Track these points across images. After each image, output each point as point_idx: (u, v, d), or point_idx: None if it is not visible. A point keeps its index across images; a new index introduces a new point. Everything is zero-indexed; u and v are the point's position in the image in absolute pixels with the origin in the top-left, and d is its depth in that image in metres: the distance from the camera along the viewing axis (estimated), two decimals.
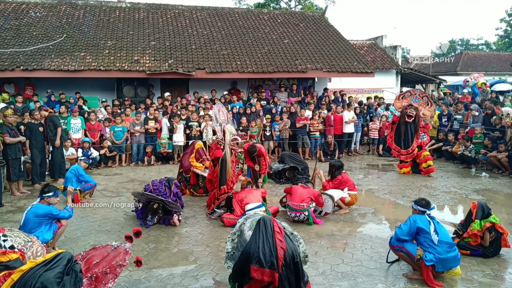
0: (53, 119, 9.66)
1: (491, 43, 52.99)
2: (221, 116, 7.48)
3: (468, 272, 4.69)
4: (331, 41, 17.15)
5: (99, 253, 3.91)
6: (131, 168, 11.35)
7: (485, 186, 8.96)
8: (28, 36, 14.06)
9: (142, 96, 14.22)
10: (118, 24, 15.90)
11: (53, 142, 9.49)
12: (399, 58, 21.80)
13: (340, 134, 12.85)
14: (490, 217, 5.04)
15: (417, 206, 4.60)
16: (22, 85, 13.53)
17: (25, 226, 4.94)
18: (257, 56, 15.09)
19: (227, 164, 6.78)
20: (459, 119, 12.38)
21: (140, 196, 6.42)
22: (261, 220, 3.63)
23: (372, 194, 8.37)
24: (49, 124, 9.53)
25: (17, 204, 7.73)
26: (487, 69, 30.93)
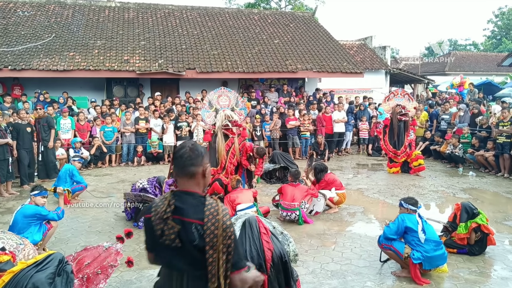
0: (48, 120, 9.68)
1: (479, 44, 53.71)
2: (221, 101, 7.46)
3: (454, 270, 4.79)
4: (321, 42, 17.25)
5: (91, 254, 3.92)
6: (121, 168, 11.31)
7: (472, 185, 9.11)
8: (16, 35, 13.91)
9: (132, 96, 14.16)
10: (107, 23, 15.81)
11: (46, 142, 9.44)
12: (388, 59, 21.99)
13: (330, 134, 12.95)
14: (477, 218, 5.12)
15: (409, 205, 4.66)
16: (10, 85, 13.39)
17: (14, 227, 4.91)
18: (248, 56, 15.12)
19: (218, 147, 6.92)
20: (446, 119, 12.57)
21: (134, 197, 6.40)
22: (247, 222, 3.63)
23: (361, 193, 8.47)
24: (43, 125, 9.51)
25: (6, 205, 7.66)
26: (475, 69, 31.33)
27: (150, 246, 2.14)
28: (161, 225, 2.01)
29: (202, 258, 1.95)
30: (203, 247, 1.93)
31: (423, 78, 22.64)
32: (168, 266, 2.10)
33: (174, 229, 1.98)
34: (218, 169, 6.96)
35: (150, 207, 2.11)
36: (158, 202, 2.10)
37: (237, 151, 7.05)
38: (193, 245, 1.95)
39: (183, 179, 2.10)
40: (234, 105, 7.57)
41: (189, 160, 2.08)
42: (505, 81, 24.09)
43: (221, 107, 7.43)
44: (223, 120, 7.04)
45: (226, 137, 7.05)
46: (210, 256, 1.93)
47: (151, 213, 2.07)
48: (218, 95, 7.57)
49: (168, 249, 2.00)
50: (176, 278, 2.01)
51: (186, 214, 1.99)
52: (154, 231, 2.03)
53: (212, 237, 1.94)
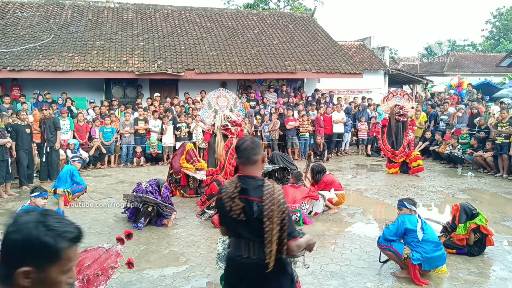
0: (55, 121, 9.76)
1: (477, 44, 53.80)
2: (220, 102, 7.48)
3: (454, 270, 4.80)
4: (320, 42, 17.27)
5: (91, 255, 3.92)
6: (120, 169, 11.31)
7: (471, 185, 9.13)
8: (14, 36, 13.90)
9: (131, 96, 14.16)
10: (106, 24, 15.80)
11: (51, 143, 9.50)
12: (387, 59, 22.02)
13: (329, 134, 12.97)
14: (476, 219, 5.14)
15: (412, 206, 4.67)
16: (9, 85, 13.38)
17: None
18: (247, 57, 15.14)
19: (217, 147, 6.93)
20: (445, 119, 12.59)
21: (134, 198, 6.40)
22: None
23: (360, 194, 8.48)
24: (50, 125, 9.55)
25: (5, 206, 7.66)
26: (473, 70, 31.37)
27: (222, 221, 2.71)
28: (230, 202, 2.51)
29: (262, 228, 2.41)
30: (261, 219, 2.41)
31: (422, 78, 22.68)
32: (236, 236, 2.60)
33: (239, 206, 2.48)
34: (217, 170, 6.97)
35: (220, 189, 2.65)
36: (227, 185, 2.61)
37: None
38: (255, 218, 2.43)
39: (247, 166, 2.59)
40: (232, 106, 7.59)
41: (252, 150, 2.57)
42: (503, 82, 24.11)
43: (220, 107, 7.45)
44: (222, 121, 7.05)
45: (225, 138, 7.07)
46: (266, 226, 2.40)
47: (222, 193, 2.58)
48: (216, 96, 7.59)
49: (236, 221, 2.50)
50: (244, 244, 2.52)
51: (249, 193, 2.48)
52: (224, 208, 2.53)
53: (269, 211, 2.40)
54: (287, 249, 2.46)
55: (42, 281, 1.29)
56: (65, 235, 1.32)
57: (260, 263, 2.44)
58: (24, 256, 1.28)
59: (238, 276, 2.59)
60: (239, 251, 2.55)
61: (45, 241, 1.28)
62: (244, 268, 2.53)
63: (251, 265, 2.49)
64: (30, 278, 1.27)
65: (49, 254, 1.29)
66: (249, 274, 2.51)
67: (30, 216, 1.32)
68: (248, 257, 2.50)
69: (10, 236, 1.29)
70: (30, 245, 1.27)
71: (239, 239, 2.56)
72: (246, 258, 2.50)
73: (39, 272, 1.28)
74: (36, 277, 1.28)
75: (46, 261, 1.29)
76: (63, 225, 1.33)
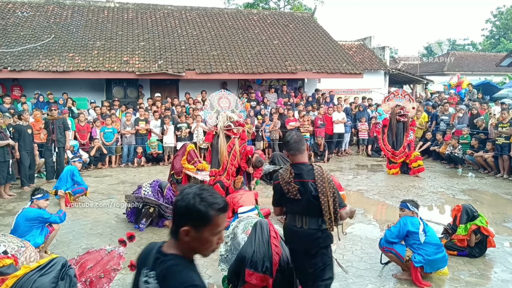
0: (64, 122, 9.83)
1: (477, 44, 53.77)
2: (222, 103, 7.50)
3: (455, 272, 4.81)
4: (320, 42, 17.27)
5: (93, 257, 3.93)
6: (121, 170, 11.31)
7: (472, 186, 9.14)
8: (15, 36, 13.89)
9: (132, 97, 14.15)
10: (106, 24, 15.80)
11: (60, 144, 9.59)
12: (387, 59, 22.03)
13: (330, 135, 12.98)
14: (476, 220, 5.15)
15: (414, 208, 4.67)
16: (10, 86, 13.37)
17: (16, 230, 4.91)
18: (247, 57, 15.13)
19: (220, 148, 6.95)
20: (446, 119, 12.59)
21: (135, 199, 6.40)
22: (258, 224, 3.67)
23: (361, 194, 8.49)
24: (59, 126, 9.58)
25: (6, 207, 7.66)
26: (473, 69, 31.37)
27: (277, 203, 3.41)
28: (287, 186, 3.19)
29: (316, 203, 3.12)
30: (317, 195, 3.11)
31: (422, 78, 22.68)
32: (293, 212, 3.29)
33: (295, 188, 3.16)
34: (220, 170, 6.97)
35: (276, 176, 3.33)
36: (282, 172, 3.29)
37: (238, 153, 7.06)
38: (311, 196, 3.13)
39: (297, 156, 3.28)
40: (234, 107, 7.60)
41: (300, 142, 3.29)
42: (503, 81, 24.11)
43: (222, 109, 7.45)
44: (225, 121, 7.05)
45: (228, 138, 7.07)
46: (322, 199, 3.10)
47: (279, 180, 3.27)
48: (218, 97, 7.60)
49: (292, 201, 3.20)
50: (298, 218, 3.24)
51: (303, 177, 3.17)
52: (282, 191, 3.23)
53: (322, 188, 3.10)
54: (339, 217, 3.17)
55: (198, 239, 1.74)
56: (214, 205, 1.72)
57: (310, 231, 3.17)
58: (185, 218, 1.73)
59: (295, 242, 3.31)
60: (294, 222, 3.26)
61: (199, 209, 1.70)
62: (298, 235, 3.23)
63: (304, 234, 3.19)
64: (189, 235, 1.72)
65: (202, 219, 1.71)
66: (303, 240, 3.21)
67: (191, 189, 1.75)
68: (302, 227, 3.21)
69: (177, 203, 1.75)
70: (189, 211, 1.71)
71: (294, 215, 3.27)
72: (300, 228, 3.22)
73: (195, 232, 1.72)
74: (193, 235, 1.73)
75: (200, 224, 1.72)
76: (213, 198, 1.74)
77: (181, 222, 1.74)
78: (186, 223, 1.72)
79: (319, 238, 3.16)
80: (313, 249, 3.18)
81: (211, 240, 1.76)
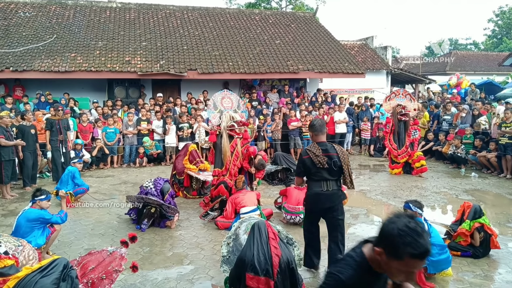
0: (68, 122, 9.96)
1: (479, 43, 53.66)
2: (225, 103, 7.50)
3: (459, 273, 4.77)
4: (322, 42, 17.23)
5: (95, 258, 3.91)
6: (123, 170, 11.30)
7: (475, 186, 9.10)
8: (17, 36, 13.90)
9: (134, 97, 14.14)
10: (108, 24, 15.79)
11: (66, 143, 9.66)
12: (389, 59, 21.97)
13: (332, 135, 12.94)
14: (479, 219, 5.13)
15: (417, 208, 4.63)
16: (12, 86, 13.38)
17: (17, 231, 4.89)
18: (249, 56, 15.11)
19: (223, 148, 6.96)
20: (448, 119, 12.54)
21: (137, 200, 6.38)
22: (256, 226, 3.63)
23: (364, 195, 8.45)
24: (64, 126, 9.66)
25: (9, 207, 7.66)
26: (476, 69, 31.29)
27: (302, 174, 4.56)
28: (317, 158, 4.29)
29: (337, 171, 4.33)
30: (340, 165, 4.32)
31: (424, 78, 22.62)
32: (319, 179, 4.36)
33: (325, 159, 4.29)
34: (223, 171, 6.95)
35: (305, 152, 4.42)
36: (311, 148, 4.36)
37: (240, 153, 7.04)
38: (336, 165, 4.30)
39: (319, 136, 4.47)
40: (236, 107, 7.59)
41: (323, 126, 4.57)
42: (506, 81, 24.05)
43: (224, 108, 7.45)
44: (228, 121, 7.04)
45: (231, 139, 7.06)
46: (344, 168, 4.33)
47: (308, 154, 4.35)
48: (221, 97, 7.59)
49: (320, 169, 4.31)
50: (323, 183, 4.34)
51: (329, 152, 4.35)
52: (313, 163, 4.31)
53: (344, 159, 4.34)
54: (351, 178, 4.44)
55: (386, 264, 1.77)
56: (412, 248, 1.68)
57: (334, 191, 4.36)
58: (382, 241, 1.78)
59: (320, 203, 4.39)
60: (320, 187, 4.35)
61: (396, 243, 1.70)
62: (325, 196, 4.34)
63: (330, 194, 4.35)
64: (380, 256, 1.77)
65: (395, 253, 1.72)
66: (330, 198, 4.35)
67: (402, 220, 1.75)
68: (327, 190, 4.33)
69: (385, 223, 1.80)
70: (387, 239, 1.75)
71: (320, 181, 4.35)
72: (326, 191, 4.33)
73: (387, 257, 1.75)
74: (384, 258, 1.77)
75: (392, 255, 1.74)
76: (415, 241, 1.68)
77: (379, 241, 1.81)
78: (381, 245, 1.78)
79: (340, 196, 4.45)
80: (336, 204, 4.40)
81: (398, 274, 1.79)
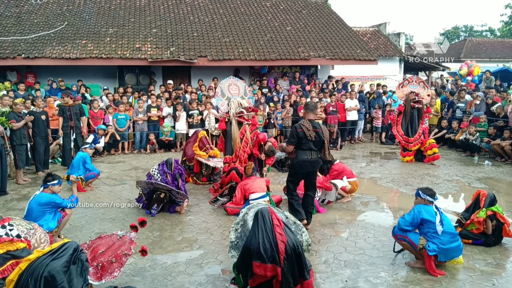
0: (81, 108, 10.01)
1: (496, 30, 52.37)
2: (231, 90, 7.47)
3: (470, 261, 4.72)
4: (334, 28, 17.00)
5: (105, 242, 3.94)
6: (134, 156, 11.38)
7: (488, 174, 8.96)
8: (29, 23, 13.97)
9: (144, 84, 14.17)
10: (119, 11, 15.77)
11: (78, 130, 9.78)
12: (402, 45, 21.62)
13: (343, 122, 12.83)
14: (492, 207, 5.06)
15: (426, 196, 4.54)
16: (24, 73, 13.50)
17: (29, 215, 4.97)
18: (260, 43, 14.98)
19: (233, 135, 6.95)
20: (462, 107, 12.33)
21: (146, 185, 6.42)
22: (259, 213, 3.60)
23: (374, 182, 8.39)
24: (76, 112, 9.74)
25: (22, 192, 7.78)
26: (491, 56, 30.65)
27: (293, 143, 5.47)
28: (309, 132, 5.33)
29: (320, 144, 5.48)
30: (323, 140, 5.48)
31: (438, 65, 22.22)
32: (306, 149, 5.43)
33: (314, 134, 5.35)
34: (233, 157, 6.95)
35: (299, 125, 5.43)
36: (305, 124, 5.39)
37: (250, 139, 7.02)
38: (319, 139, 5.42)
39: (311, 114, 5.55)
40: (243, 94, 7.57)
41: (315, 107, 5.72)
42: None
43: (232, 95, 7.42)
44: (237, 108, 7.01)
45: (240, 125, 7.04)
46: (326, 142, 5.52)
47: (302, 128, 5.37)
48: (228, 84, 7.56)
49: (309, 141, 5.38)
50: (309, 152, 5.45)
51: (316, 128, 5.42)
52: (305, 135, 5.34)
53: (325, 135, 5.53)
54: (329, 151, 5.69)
55: None
56: None
57: (315, 159, 5.54)
58: None
59: (305, 168, 5.53)
60: (306, 156, 5.45)
61: None
62: (309, 162, 5.49)
63: (313, 161, 5.51)
64: None
65: None
66: (312, 164, 5.54)
67: None
68: (311, 158, 5.47)
69: None
70: None
71: (306, 150, 5.44)
72: (310, 159, 5.47)
73: None
74: None
75: None
76: None
77: None
78: None
79: (319, 163, 5.69)
80: (316, 169, 5.68)
81: None
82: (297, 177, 5.66)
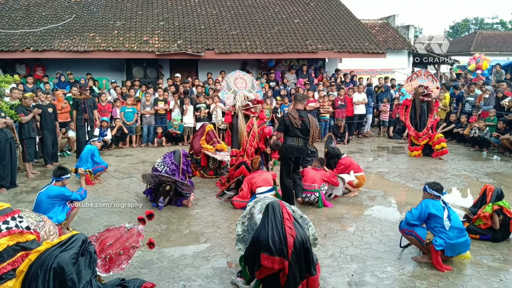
0: (94, 101, 10.19)
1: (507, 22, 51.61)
2: (238, 83, 7.47)
3: (477, 256, 4.70)
4: (342, 21, 16.86)
5: (113, 234, 3.99)
6: (142, 149, 11.44)
7: (497, 169, 8.89)
8: (37, 16, 14.04)
9: (152, 77, 14.19)
10: (126, 4, 15.78)
11: (92, 122, 9.88)
12: (411, 38, 21.39)
13: (350, 116, 12.77)
14: (499, 201, 5.03)
15: (433, 190, 4.52)
16: (33, 66, 13.59)
17: (38, 207, 5.02)
18: (267, 36, 14.91)
19: (240, 128, 6.95)
20: (471, 101, 12.20)
21: (151, 179, 6.46)
22: (270, 206, 3.61)
23: (381, 177, 8.36)
24: (90, 105, 9.85)
25: (31, 184, 7.87)
26: (502, 49, 30.22)
27: (282, 130, 6.05)
28: (295, 120, 5.89)
29: (306, 132, 6.01)
30: (309, 128, 6.01)
31: (448, 58, 21.98)
32: (293, 136, 5.98)
33: (299, 122, 5.91)
34: (241, 151, 6.95)
35: (287, 114, 6.00)
36: (292, 113, 5.99)
37: (257, 133, 7.02)
38: (305, 127, 5.97)
39: (299, 104, 6.16)
40: (250, 87, 7.54)
41: (303, 98, 6.44)
42: None
43: (238, 89, 7.40)
44: (243, 101, 7.00)
45: (246, 119, 7.03)
46: (311, 130, 6.04)
47: (289, 117, 5.93)
48: (234, 77, 7.55)
49: (296, 129, 5.94)
50: (296, 139, 6.01)
51: (303, 117, 5.99)
52: (292, 123, 5.90)
53: (311, 125, 6.03)
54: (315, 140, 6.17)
55: None
56: None
57: (302, 146, 6.08)
58: None
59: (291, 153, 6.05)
60: (293, 142, 5.99)
61: None
62: (295, 149, 6.03)
63: (299, 148, 6.05)
64: None
65: None
66: (299, 151, 6.10)
67: None
68: (298, 144, 6.00)
69: None
70: None
71: (294, 137, 5.98)
72: (297, 146, 6.01)
73: None
74: None
75: None
76: None
77: None
78: None
79: (305, 150, 6.27)
80: (302, 156, 6.34)
81: None
82: (286, 161, 6.16)
